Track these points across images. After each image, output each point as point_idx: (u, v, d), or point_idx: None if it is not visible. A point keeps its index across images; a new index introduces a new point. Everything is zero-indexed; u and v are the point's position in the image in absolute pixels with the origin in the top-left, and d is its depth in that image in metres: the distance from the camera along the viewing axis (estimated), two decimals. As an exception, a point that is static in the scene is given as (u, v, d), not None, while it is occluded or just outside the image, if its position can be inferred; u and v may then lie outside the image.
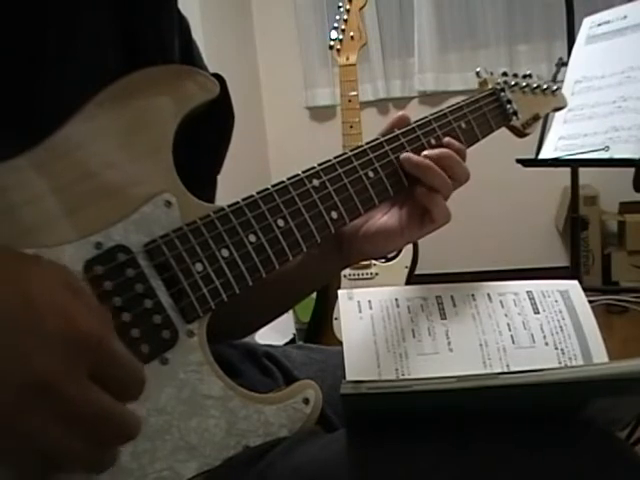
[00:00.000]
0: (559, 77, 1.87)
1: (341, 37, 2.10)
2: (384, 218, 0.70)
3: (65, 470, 0.42)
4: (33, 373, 0.38)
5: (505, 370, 0.65)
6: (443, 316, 0.70)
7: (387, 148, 0.67)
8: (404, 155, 0.67)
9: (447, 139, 0.70)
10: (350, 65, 2.08)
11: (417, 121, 0.70)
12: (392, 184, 0.66)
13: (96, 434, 0.41)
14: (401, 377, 0.65)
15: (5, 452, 0.40)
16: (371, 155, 0.66)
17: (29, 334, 0.39)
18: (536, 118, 0.83)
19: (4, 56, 0.51)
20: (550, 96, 0.88)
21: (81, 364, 0.40)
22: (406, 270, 2.14)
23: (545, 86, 0.87)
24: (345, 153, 0.64)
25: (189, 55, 0.67)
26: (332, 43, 2.10)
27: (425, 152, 0.68)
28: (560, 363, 0.66)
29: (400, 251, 2.12)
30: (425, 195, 0.67)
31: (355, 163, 0.64)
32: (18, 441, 0.39)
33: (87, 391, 0.40)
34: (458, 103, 0.74)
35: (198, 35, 0.70)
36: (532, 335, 0.68)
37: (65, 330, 0.39)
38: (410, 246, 2.12)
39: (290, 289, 0.74)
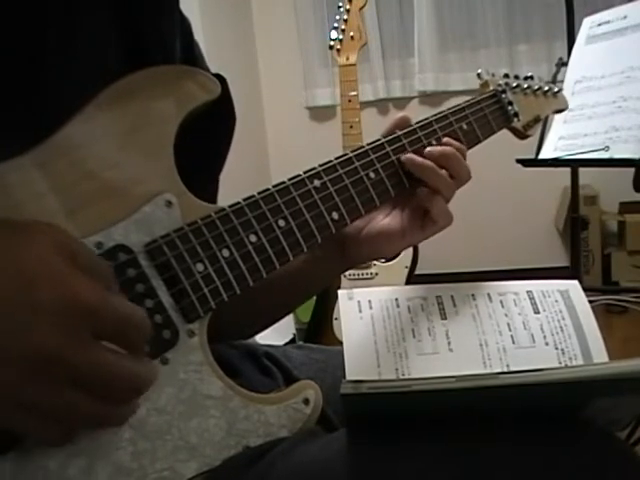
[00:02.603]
0: (559, 77, 1.87)
1: (341, 37, 2.10)
2: (386, 220, 0.70)
3: (88, 428, 0.45)
4: (35, 346, 0.39)
5: (505, 370, 0.65)
6: (443, 316, 0.70)
7: (389, 149, 0.67)
8: (406, 156, 0.67)
9: (446, 139, 0.70)
10: (350, 65, 2.08)
11: (418, 122, 0.70)
12: (393, 185, 0.66)
13: (110, 391, 0.42)
14: (401, 377, 0.65)
15: (24, 423, 0.41)
16: (372, 156, 0.66)
17: (25, 306, 0.39)
18: (537, 120, 0.84)
19: (4, 56, 0.51)
20: (551, 98, 0.88)
21: (82, 329, 0.41)
22: (406, 270, 2.15)
23: (546, 88, 0.87)
24: (346, 154, 0.65)
25: (191, 55, 0.67)
26: (332, 43, 2.10)
27: (426, 150, 0.68)
28: (560, 363, 0.66)
29: (400, 251, 2.12)
30: (426, 196, 0.67)
31: (356, 164, 0.64)
32: (32, 412, 0.41)
33: (92, 353, 0.41)
34: (459, 104, 0.74)
35: (198, 35, 0.70)
36: (532, 335, 0.68)
37: (62, 298, 0.40)
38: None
39: (292, 291, 0.74)
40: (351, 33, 2.09)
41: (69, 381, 0.41)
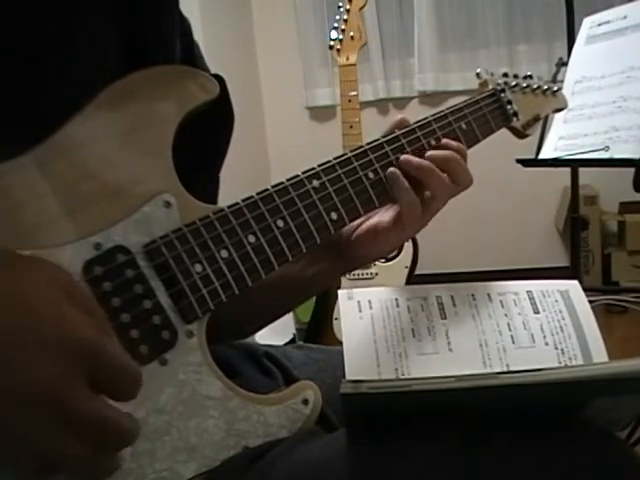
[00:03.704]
0: (559, 77, 1.87)
1: (341, 37, 2.10)
2: (375, 218, 0.69)
3: (68, 476, 0.43)
4: (34, 383, 0.39)
5: (505, 370, 0.65)
6: (443, 316, 0.70)
7: (387, 149, 0.67)
8: (403, 157, 0.67)
9: (445, 140, 0.70)
10: (350, 65, 2.08)
11: (417, 122, 0.70)
12: (392, 185, 0.66)
13: (97, 439, 0.41)
14: (401, 377, 0.65)
15: (8, 459, 0.41)
16: (371, 156, 0.66)
17: (28, 343, 0.39)
18: (536, 119, 0.83)
19: (4, 56, 0.51)
20: (550, 97, 0.88)
21: (80, 371, 0.41)
22: (406, 270, 2.14)
23: (545, 87, 0.87)
24: (345, 154, 0.64)
25: (191, 55, 0.67)
26: (332, 43, 2.10)
27: (429, 153, 0.68)
28: (560, 363, 0.66)
29: (400, 251, 2.12)
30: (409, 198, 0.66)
31: (355, 164, 0.64)
32: (20, 448, 0.40)
33: (88, 399, 0.41)
34: (458, 104, 0.74)
35: (198, 35, 0.70)
36: (532, 335, 0.68)
37: (64, 337, 0.40)
38: (410, 246, 2.12)
39: (292, 292, 0.74)
40: (351, 33, 2.09)
41: (62, 421, 0.40)
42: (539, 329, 0.69)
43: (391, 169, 0.66)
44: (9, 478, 0.42)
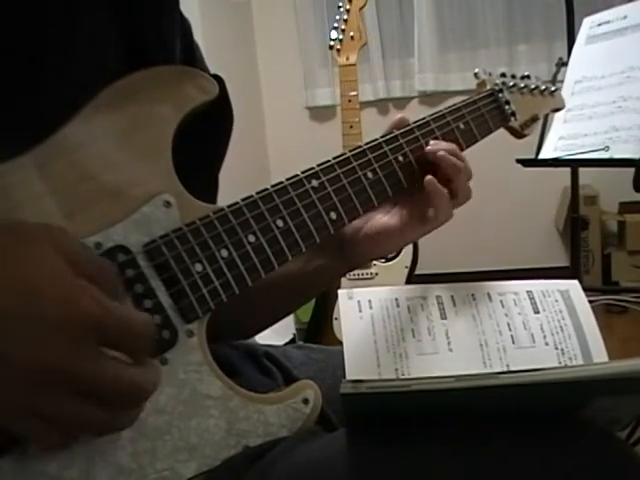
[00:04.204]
0: (559, 77, 1.87)
1: (341, 37, 2.10)
2: (384, 219, 0.70)
3: (91, 434, 0.45)
4: (39, 358, 0.40)
5: (505, 370, 0.65)
6: (443, 316, 0.70)
7: (386, 149, 0.67)
8: (431, 144, 0.68)
9: (433, 142, 0.70)
10: (350, 65, 2.08)
11: (416, 122, 0.70)
12: (391, 185, 0.66)
13: (115, 399, 0.43)
14: (401, 377, 0.65)
15: (26, 428, 0.42)
16: (370, 156, 0.66)
17: (29, 318, 0.40)
18: (534, 119, 0.83)
19: (4, 56, 0.51)
20: (548, 97, 0.88)
21: (86, 340, 0.41)
22: (406, 270, 2.15)
23: (543, 87, 0.87)
24: (344, 153, 0.64)
25: (191, 56, 0.67)
26: (332, 43, 2.10)
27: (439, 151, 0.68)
28: (560, 363, 0.66)
29: (400, 251, 2.12)
30: (436, 192, 0.67)
31: (354, 164, 0.64)
32: (35, 419, 0.41)
33: (96, 364, 0.41)
34: (456, 104, 0.74)
35: (198, 35, 0.70)
36: (532, 335, 0.68)
37: (65, 310, 0.40)
38: (410, 246, 2.12)
39: (293, 291, 0.74)
40: (351, 33, 2.09)
41: (73, 391, 0.41)
42: (539, 329, 0.69)
43: (428, 177, 0.67)
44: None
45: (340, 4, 2.11)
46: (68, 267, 0.42)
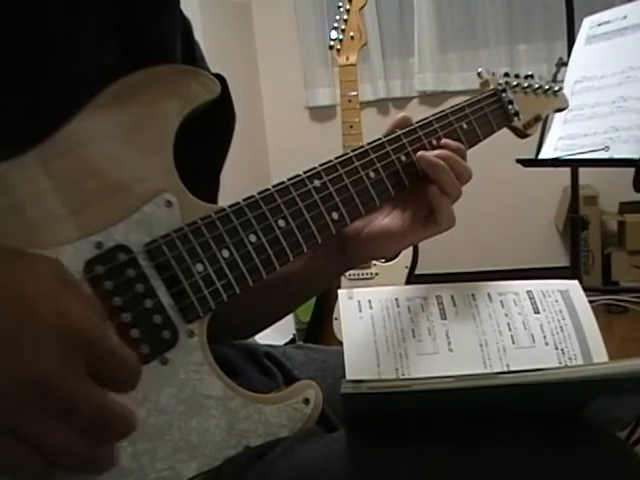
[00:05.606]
0: (559, 77, 1.87)
1: (341, 37, 2.10)
2: (386, 220, 0.70)
3: (65, 470, 0.42)
4: (34, 372, 0.39)
5: (505, 370, 0.65)
6: (443, 316, 0.70)
7: (388, 148, 0.67)
8: (421, 153, 0.67)
9: (444, 140, 0.70)
10: (350, 65, 2.08)
11: (419, 122, 0.70)
12: (393, 185, 0.66)
13: (95, 430, 0.41)
14: (401, 377, 0.65)
15: (5, 452, 0.40)
16: (372, 155, 0.66)
17: (27, 333, 0.39)
18: (538, 119, 0.83)
19: (5, 55, 0.51)
20: (552, 97, 0.88)
21: (79, 361, 0.41)
22: (406, 270, 2.14)
23: (547, 87, 0.87)
24: (346, 153, 0.64)
25: (191, 56, 0.67)
26: (332, 43, 2.10)
27: (435, 152, 0.68)
28: (560, 363, 0.66)
29: (400, 251, 2.12)
30: (436, 196, 0.66)
31: (356, 163, 0.64)
32: (19, 444, 0.40)
33: (86, 388, 0.41)
34: (459, 104, 0.74)
35: (198, 35, 0.70)
36: (532, 335, 0.68)
37: (61, 326, 0.40)
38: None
39: (293, 291, 0.74)
40: (351, 33, 2.09)
41: (54, 408, 0.40)
42: (539, 329, 0.69)
43: (435, 159, 0.66)
44: (10, 475, 0.41)
45: (340, 4, 2.11)
46: (66, 287, 0.42)
